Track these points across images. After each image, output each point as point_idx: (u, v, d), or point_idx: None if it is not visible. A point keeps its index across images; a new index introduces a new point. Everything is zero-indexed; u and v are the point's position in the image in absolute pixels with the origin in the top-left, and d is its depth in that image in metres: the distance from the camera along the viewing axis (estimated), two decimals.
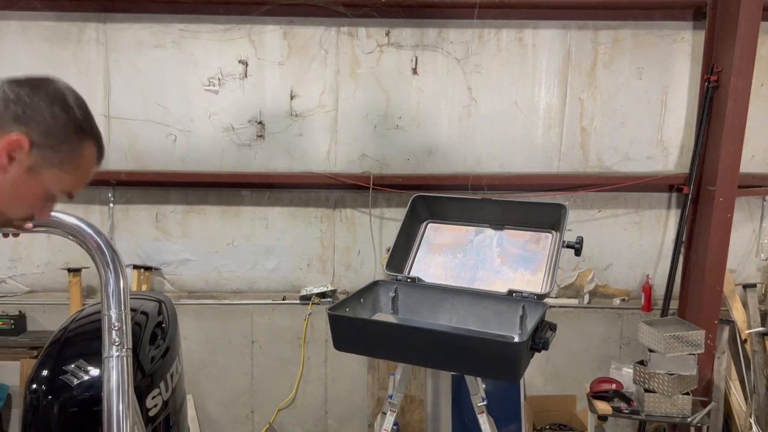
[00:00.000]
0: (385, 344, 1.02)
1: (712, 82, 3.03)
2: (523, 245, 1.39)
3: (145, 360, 1.57)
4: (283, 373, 3.36)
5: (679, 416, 2.75)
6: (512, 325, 1.17)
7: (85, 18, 3.09)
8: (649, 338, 2.78)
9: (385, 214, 3.30)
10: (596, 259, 3.36)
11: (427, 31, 3.16)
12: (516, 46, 3.18)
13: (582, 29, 3.17)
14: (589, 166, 3.28)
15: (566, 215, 1.35)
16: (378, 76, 3.19)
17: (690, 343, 2.72)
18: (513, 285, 1.11)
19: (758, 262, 3.37)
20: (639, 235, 3.35)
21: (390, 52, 3.17)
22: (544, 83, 3.22)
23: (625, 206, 3.33)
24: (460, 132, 3.25)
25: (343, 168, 3.25)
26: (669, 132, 3.26)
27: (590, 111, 3.25)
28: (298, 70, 3.18)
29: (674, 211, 3.32)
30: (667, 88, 3.22)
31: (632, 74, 3.21)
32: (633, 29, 3.17)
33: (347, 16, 3.11)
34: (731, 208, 3.02)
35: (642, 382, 2.80)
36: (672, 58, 3.21)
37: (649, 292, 3.30)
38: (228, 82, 3.17)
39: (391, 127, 3.24)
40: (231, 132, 3.21)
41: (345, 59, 3.18)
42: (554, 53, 3.19)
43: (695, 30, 3.18)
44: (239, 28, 3.13)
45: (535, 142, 3.26)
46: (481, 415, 1.98)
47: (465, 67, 3.19)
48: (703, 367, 2.99)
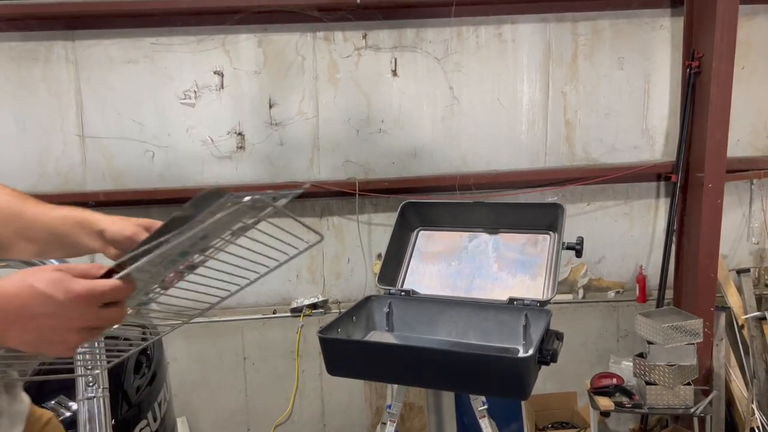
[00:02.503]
0: (382, 366, 0.96)
1: (693, 68, 3.01)
2: (520, 249, 1.34)
3: (130, 390, 1.49)
4: (278, 388, 3.29)
5: (682, 407, 2.72)
6: (515, 336, 1.12)
7: (51, 36, 3.00)
8: (647, 330, 2.75)
9: (372, 219, 3.24)
10: (588, 252, 3.31)
11: (404, 31, 3.11)
12: (495, 42, 3.14)
13: (561, 22, 3.14)
14: (575, 160, 3.25)
15: (563, 215, 1.30)
16: (357, 80, 3.13)
17: (688, 333, 2.69)
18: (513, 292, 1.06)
19: (750, 246, 3.36)
20: (630, 226, 3.32)
21: (368, 55, 3.12)
22: (525, 78, 3.18)
23: (614, 198, 3.30)
24: (444, 132, 3.20)
25: (328, 175, 3.18)
26: (654, 120, 3.24)
27: (574, 104, 3.22)
28: (275, 78, 3.12)
29: (664, 200, 3.29)
30: (649, 76, 3.20)
31: (613, 64, 3.19)
32: (612, 19, 3.15)
33: (323, 21, 3.05)
34: (721, 194, 3.01)
35: (642, 375, 2.77)
36: (652, 47, 3.18)
37: (643, 283, 3.27)
38: (204, 94, 3.10)
39: (374, 131, 3.18)
40: (210, 145, 3.14)
41: (323, 64, 3.11)
42: (534, 47, 3.16)
43: (673, 17, 3.16)
44: (212, 38, 3.06)
45: (520, 138, 3.22)
46: (483, 419, 1.93)
47: (445, 66, 3.14)
48: (703, 355, 2.96)
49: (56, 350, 0.78)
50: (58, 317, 0.76)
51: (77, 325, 0.77)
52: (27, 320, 0.76)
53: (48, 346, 0.78)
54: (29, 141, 3.05)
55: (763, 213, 3.29)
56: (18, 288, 0.76)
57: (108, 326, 0.80)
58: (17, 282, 0.78)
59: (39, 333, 0.77)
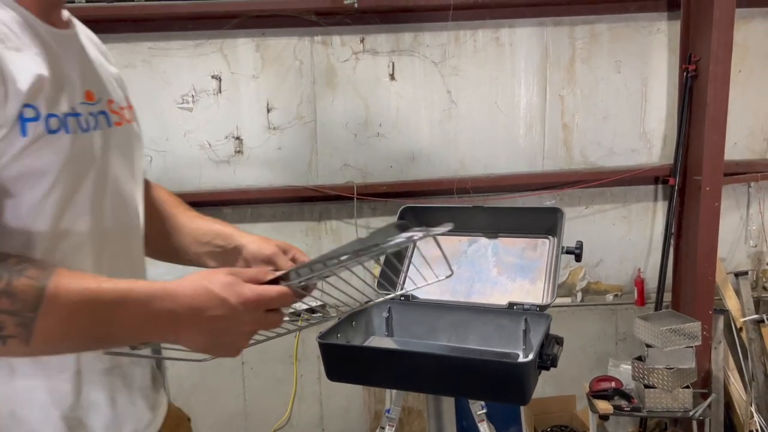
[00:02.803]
0: (382, 372, 0.96)
1: (690, 71, 3.02)
2: (519, 253, 1.34)
3: None
4: (276, 392, 3.28)
5: (681, 410, 2.72)
6: (515, 341, 1.12)
7: None
8: (645, 333, 2.75)
9: (371, 223, 3.24)
10: (586, 255, 3.28)
11: (402, 36, 3.11)
12: (493, 46, 3.15)
13: (558, 25, 3.15)
14: (573, 163, 3.25)
15: (563, 219, 1.30)
16: (355, 84, 3.14)
17: (687, 336, 2.69)
18: (512, 296, 1.06)
19: (747, 249, 3.37)
20: (628, 229, 3.33)
21: (366, 59, 3.12)
22: (523, 82, 3.19)
23: (612, 201, 3.30)
24: (442, 136, 3.20)
25: (326, 179, 3.18)
26: (651, 124, 3.24)
27: (571, 107, 3.22)
28: (273, 82, 3.12)
29: (661, 203, 3.30)
30: (646, 79, 3.21)
31: (611, 68, 3.19)
32: (609, 23, 3.15)
33: (320, 25, 3.05)
34: (718, 197, 3.01)
35: (641, 378, 2.77)
36: (649, 50, 3.19)
37: (641, 286, 3.27)
38: (202, 98, 3.10)
39: (372, 134, 3.18)
40: (208, 149, 3.13)
41: (321, 69, 3.12)
42: (532, 51, 3.16)
43: (670, 20, 3.17)
44: (210, 42, 3.06)
45: (517, 141, 3.23)
46: (482, 423, 1.92)
47: (443, 70, 3.15)
48: (701, 358, 2.96)
49: (224, 352, 0.81)
50: (229, 320, 0.78)
51: (246, 329, 0.80)
52: (201, 322, 0.78)
53: (219, 347, 0.81)
54: None
55: (761, 216, 3.30)
56: (195, 289, 0.79)
57: (270, 329, 0.84)
58: (194, 283, 0.80)
59: (211, 335, 0.79)
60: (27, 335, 0.71)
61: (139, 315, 0.76)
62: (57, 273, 0.73)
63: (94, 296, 0.74)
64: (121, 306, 0.75)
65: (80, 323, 0.74)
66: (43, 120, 0.79)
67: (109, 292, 0.75)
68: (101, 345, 0.80)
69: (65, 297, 0.72)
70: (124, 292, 0.76)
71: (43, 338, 0.72)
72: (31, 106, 0.78)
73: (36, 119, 0.78)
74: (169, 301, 0.77)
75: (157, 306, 0.76)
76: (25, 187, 0.79)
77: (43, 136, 0.79)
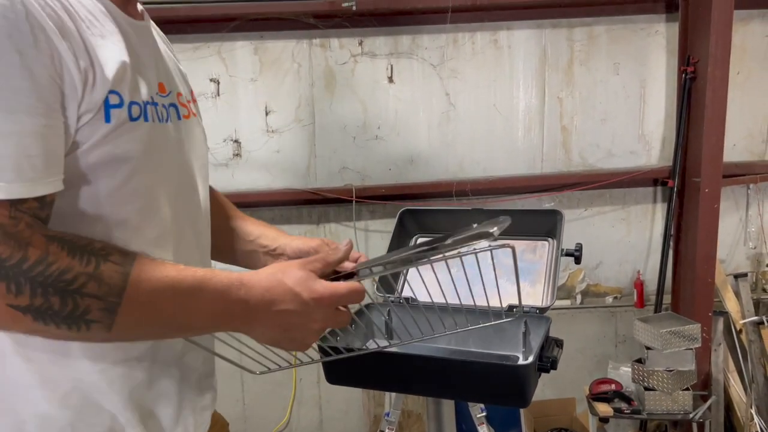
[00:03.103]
0: (382, 375, 0.95)
1: (689, 73, 3.02)
2: (519, 255, 1.33)
3: None
4: (276, 396, 3.27)
5: (681, 412, 2.71)
6: (515, 343, 1.11)
7: None
8: (645, 336, 2.75)
9: (369, 226, 3.23)
10: (586, 258, 3.29)
11: (400, 38, 3.11)
12: (491, 48, 3.15)
13: (556, 27, 3.15)
14: (572, 165, 3.25)
15: (562, 221, 1.30)
16: (354, 87, 3.14)
17: (687, 338, 2.69)
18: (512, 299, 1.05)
19: (747, 250, 3.36)
20: (627, 231, 3.32)
21: (364, 62, 3.12)
22: (521, 84, 3.19)
23: (611, 203, 3.30)
24: (441, 138, 3.20)
25: (324, 182, 3.18)
26: (650, 126, 3.24)
27: (570, 109, 3.22)
28: (271, 85, 3.11)
29: (660, 205, 3.30)
30: (644, 81, 3.21)
31: (609, 70, 3.19)
32: (607, 25, 3.16)
33: (319, 28, 3.05)
34: (717, 199, 3.01)
35: (641, 381, 2.76)
36: (647, 52, 3.19)
37: (640, 288, 3.27)
38: (200, 101, 3.07)
39: (371, 137, 3.18)
40: None
41: (319, 71, 3.11)
42: (530, 53, 3.16)
43: (668, 22, 3.17)
44: (208, 46, 3.06)
45: (516, 144, 3.23)
46: (481, 426, 1.92)
47: (441, 73, 3.15)
48: (701, 360, 2.96)
49: (293, 347, 0.82)
50: (302, 316, 0.78)
51: (316, 326, 0.80)
52: (275, 315, 0.78)
53: (289, 342, 0.81)
54: None
55: (760, 217, 3.30)
56: (269, 282, 0.79)
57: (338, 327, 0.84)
58: (269, 276, 0.81)
59: (283, 329, 0.79)
60: (110, 321, 0.71)
61: (216, 303, 0.76)
62: (139, 259, 0.74)
63: (175, 283, 0.74)
64: (199, 294, 0.75)
65: (161, 310, 0.74)
66: (126, 107, 0.80)
67: (189, 279, 0.75)
68: (178, 333, 0.80)
69: (148, 283, 0.72)
70: (203, 280, 0.76)
71: (125, 324, 0.72)
72: (116, 93, 0.78)
73: (119, 106, 0.78)
74: (244, 291, 0.77)
75: (233, 295, 0.77)
76: (105, 175, 0.79)
77: (125, 123, 0.79)
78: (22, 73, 0.68)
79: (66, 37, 0.72)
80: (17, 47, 0.68)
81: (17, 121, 0.67)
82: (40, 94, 0.69)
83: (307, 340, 0.82)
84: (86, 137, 0.76)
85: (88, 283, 0.70)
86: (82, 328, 0.71)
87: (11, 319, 0.69)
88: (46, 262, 0.68)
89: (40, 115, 0.69)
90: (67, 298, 0.69)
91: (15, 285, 0.67)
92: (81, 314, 0.70)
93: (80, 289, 0.69)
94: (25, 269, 0.67)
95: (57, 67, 0.71)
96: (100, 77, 0.76)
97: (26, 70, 0.68)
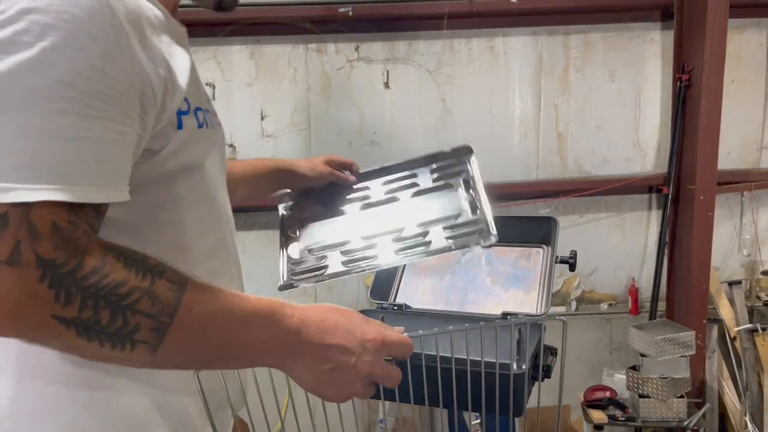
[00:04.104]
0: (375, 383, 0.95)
1: (683, 81, 3.03)
2: (513, 262, 1.33)
3: None
4: (268, 403, 3.24)
5: (675, 420, 2.71)
6: (509, 352, 1.11)
7: None
8: (640, 343, 2.75)
9: None
10: (581, 264, 3.28)
11: (397, 44, 3.12)
12: (487, 54, 3.15)
13: (552, 35, 3.16)
14: (567, 172, 3.25)
15: (557, 228, 1.30)
16: (350, 92, 3.13)
17: (681, 345, 2.69)
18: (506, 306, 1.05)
19: (741, 258, 3.37)
20: (622, 238, 3.32)
21: (361, 67, 3.12)
22: (517, 91, 3.19)
23: (606, 210, 3.30)
24: (437, 144, 3.17)
25: None
26: (645, 133, 3.25)
27: (565, 116, 3.23)
28: (267, 89, 3.11)
29: (655, 212, 3.30)
30: (640, 89, 3.22)
31: (605, 77, 3.20)
32: (603, 32, 3.17)
33: (315, 33, 3.05)
34: (712, 206, 3.02)
35: (635, 388, 2.76)
36: (643, 60, 3.20)
37: (635, 295, 3.27)
38: None
39: (366, 142, 3.18)
40: None
41: (315, 76, 3.11)
42: (526, 60, 3.17)
43: (663, 30, 3.19)
44: (204, 50, 3.05)
45: (512, 150, 3.23)
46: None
47: (437, 79, 3.15)
48: (695, 368, 2.96)
49: (334, 391, 0.77)
50: (351, 354, 0.74)
51: (363, 370, 0.76)
52: (325, 350, 0.74)
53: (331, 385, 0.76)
54: None
55: (754, 225, 3.30)
56: (323, 314, 0.76)
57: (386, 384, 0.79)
58: (323, 308, 0.78)
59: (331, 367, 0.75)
60: (157, 342, 0.66)
61: (266, 332, 0.73)
62: (192, 281, 0.70)
63: (227, 309, 0.70)
64: (251, 321, 0.72)
65: (209, 336, 0.70)
66: (192, 113, 0.80)
67: (242, 305, 0.72)
68: (220, 363, 0.76)
69: (200, 307, 0.68)
70: (256, 307, 0.73)
71: (171, 348, 0.67)
72: (185, 100, 0.78)
73: (187, 113, 0.79)
74: (297, 320, 0.74)
75: (286, 323, 0.73)
76: (179, 182, 0.79)
77: (195, 131, 0.80)
78: (102, 78, 0.65)
79: (145, 45, 0.71)
80: (100, 51, 0.65)
81: (92, 126, 0.65)
82: (118, 101, 0.67)
83: (351, 385, 0.77)
84: (162, 144, 0.75)
85: (143, 299, 0.65)
86: (127, 347, 0.65)
87: (51, 332, 0.63)
88: (102, 272, 0.63)
89: (116, 122, 0.67)
90: (118, 314, 0.64)
91: (65, 294, 0.61)
92: (129, 332, 0.65)
93: (133, 305, 0.64)
94: (79, 278, 0.62)
95: (137, 74, 0.69)
96: (177, 86, 0.75)
97: (106, 75, 0.65)
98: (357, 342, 0.75)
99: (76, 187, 0.63)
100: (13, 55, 0.60)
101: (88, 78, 0.64)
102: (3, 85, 0.60)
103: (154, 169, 0.76)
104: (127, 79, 0.68)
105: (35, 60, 0.61)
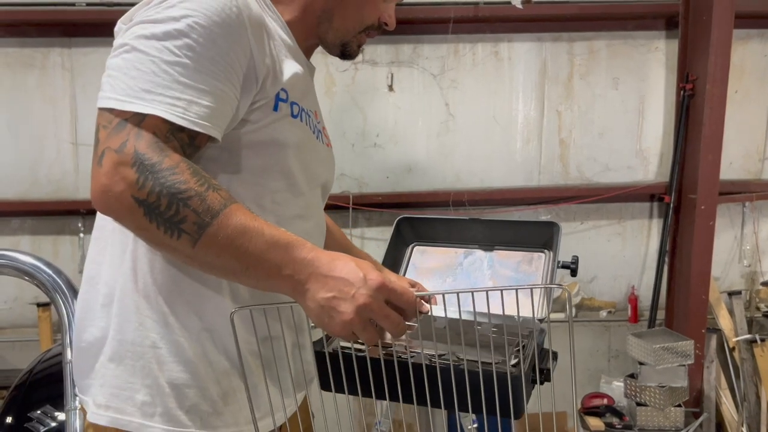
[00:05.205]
0: (376, 382, 0.95)
1: (687, 90, 3.03)
2: (515, 266, 1.33)
3: None
4: None
5: (672, 429, 2.71)
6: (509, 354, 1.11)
7: (49, 43, 2.99)
8: (638, 351, 2.75)
9: (366, 233, 3.23)
10: (581, 271, 3.31)
11: (402, 47, 3.12)
12: (492, 60, 3.16)
13: (557, 41, 3.16)
14: (569, 179, 3.26)
15: (559, 234, 1.30)
16: (354, 94, 3.14)
17: (679, 354, 2.69)
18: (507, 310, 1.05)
19: (741, 268, 3.37)
20: (622, 246, 3.33)
21: (365, 70, 3.13)
22: (521, 96, 3.20)
23: (607, 217, 3.31)
24: (439, 148, 3.20)
25: None
26: (647, 141, 3.26)
27: (568, 123, 3.23)
28: None
29: (656, 221, 3.30)
30: (643, 97, 3.22)
31: (608, 85, 3.21)
32: (607, 40, 3.17)
33: None
34: (713, 216, 3.02)
35: (633, 396, 2.76)
36: (647, 68, 3.21)
37: (635, 303, 3.27)
38: None
39: (369, 145, 3.18)
40: None
41: (319, 78, 3.12)
42: (530, 66, 3.18)
43: (668, 39, 3.19)
44: None
45: (514, 155, 3.23)
46: None
47: (441, 83, 3.15)
48: (693, 377, 2.96)
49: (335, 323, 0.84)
50: (352, 286, 0.83)
51: (361, 302, 0.83)
52: (330, 280, 0.84)
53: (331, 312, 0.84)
54: (22, 148, 3.03)
55: (755, 236, 3.31)
56: (338, 256, 0.88)
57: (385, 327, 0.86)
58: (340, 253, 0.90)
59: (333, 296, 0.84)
60: (197, 237, 0.82)
61: (284, 256, 0.85)
62: (239, 204, 0.86)
63: (258, 230, 0.84)
64: (274, 244, 0.85)
65: (239, 246, 0.83)
66: (289, 104, 1.01)
67: (270, 232, 0.85)
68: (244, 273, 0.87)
69: (237, 219, 0.83)
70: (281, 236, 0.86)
71: (208, 245, 0.83)
72: (284, 90, 1.00)
73: (285, 101, 1.00)
74: (312, 255, 0.86)
75: (301, 254, 0.85)
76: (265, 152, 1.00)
77: (287, 117, 1.01)
78: (219, 51, 0.88)
79: (258, 41, 0.94)
80: (224, 33, 0.89)
81: (202, 80, 0.87)
82: (227, 72, 0.89)
83: (345, 314, 0.83)
84: (257, 119, 0.97)
85: (194, 198, 0.82)
86: (174, 234, 0.82)
87: (129, 210, 0.82)
88: (173, 171, 0.82)
89: (221, 83, 0.89)
90: (173, 203, 0.81)
91: (143, 180, 0.81)
92: (178, 221, 0.82)
93: (186, 200, 0.81)
94: (156, 171, 0.81)
95: (246, 60, 0.92)
96: (278, 77, 0.99)
97: (224, 51, 0.89)
98: (359, 278, 0.84)
99: (178, 114, 0.85)
100: (160, 24, 0.87)
101: (210, 47, 0.88)
102: (154, 40, 0.86)
103: (247, 137, 0.97)
104: (238, 60, 0.91)
105: (177, 29, 0.86)
